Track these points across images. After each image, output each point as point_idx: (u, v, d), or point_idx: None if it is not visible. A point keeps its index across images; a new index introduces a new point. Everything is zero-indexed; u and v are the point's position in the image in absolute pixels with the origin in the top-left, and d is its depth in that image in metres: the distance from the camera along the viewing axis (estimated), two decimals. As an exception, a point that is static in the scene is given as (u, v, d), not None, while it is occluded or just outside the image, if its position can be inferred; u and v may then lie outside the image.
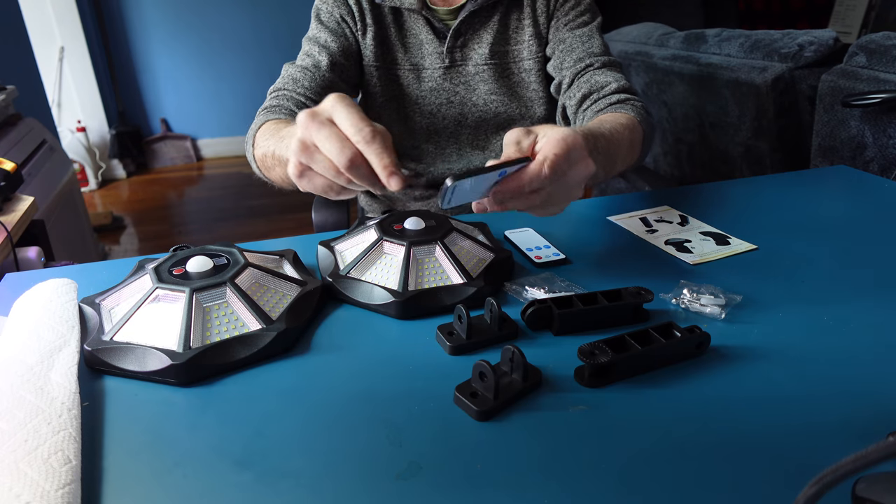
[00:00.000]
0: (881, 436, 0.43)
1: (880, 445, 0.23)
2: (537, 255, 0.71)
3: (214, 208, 3.15)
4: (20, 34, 2.24)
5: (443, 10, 0.98)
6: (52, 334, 0.51)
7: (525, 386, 0.47)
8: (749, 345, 0.54)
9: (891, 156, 1.19)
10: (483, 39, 0.99)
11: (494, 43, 0.99)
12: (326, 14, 0.98)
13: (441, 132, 1.04)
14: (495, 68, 1.00)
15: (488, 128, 1.04)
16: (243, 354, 0.51)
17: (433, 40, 0.98)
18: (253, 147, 0.81)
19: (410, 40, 0.99)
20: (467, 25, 0.98)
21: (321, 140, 0.51)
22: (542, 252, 0.71)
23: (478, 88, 1.01)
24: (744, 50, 1.55)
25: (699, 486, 0.39)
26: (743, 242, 0.74)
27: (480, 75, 1.00)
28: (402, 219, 0.66)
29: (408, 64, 0.99)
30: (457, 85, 1.01)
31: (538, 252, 0.71)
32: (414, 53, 0.99)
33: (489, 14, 0.98)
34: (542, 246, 0.73)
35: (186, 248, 0.62)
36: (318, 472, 0.41)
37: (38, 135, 1.81)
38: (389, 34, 0.98)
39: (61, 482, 0.37)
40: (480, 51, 0.99)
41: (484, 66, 0.99)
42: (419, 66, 0.99)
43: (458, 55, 0.99)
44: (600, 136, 0.69)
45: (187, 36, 3.64)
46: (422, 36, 0.98)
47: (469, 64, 1.00)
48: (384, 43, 0.99)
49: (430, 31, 0.98)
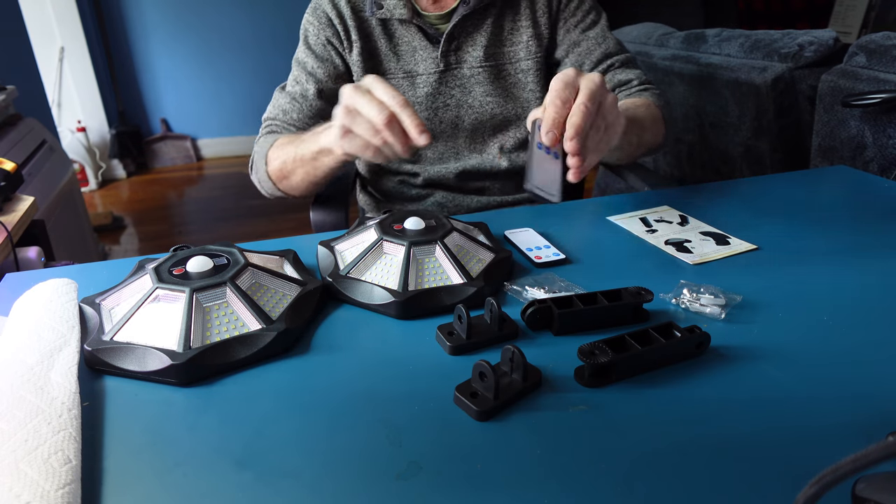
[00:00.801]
0: (881, 436, 0.43)
1: (880, 445, 0.23)
2: (537, 255, 0.71)
3: (214, 208, 3.15)
4: (20, 34, 2.24)
5: (434, 15, 0.98)
6: (52, 334, 0.51)
7: (525, 386, 0.47)
8: (749, 345, 0.54)
9: (891, 156, 1.19)
10: (477, 42, 0.99)
11: (489, 45, 0.99)
12: (314, 37, 0.99)
13: (438, 136, 1.04)
14: (490, 70, 1.00)
15: (485, 129, 1.04)
16: (243, 354, 0.51)
17: (427, 46, 0.98)
18: (266, 165, 0.91)
19: (402, 48, 0.99)
20: (460, 29, 0.98)
21: (363, 105, 0.65)
22: (542, 252, 0.71)
23: (473, 91, 1.01)
24: (744, 50, 1.55)
25: (699, 486, 0.39)
26: (743, 242, 0.74)
27: (476, 77, 1.00)
28: (402, 219, 0.66)
29: (401, 72, 1.00)
30: (452, 88, 1.01)
31: (538, 252, 0.71)
32: (407, 61, 0.99)
33: (482, 17, 0.99)
34: (542, 246, 0.73)
35: (186, 248, 0.62)
36: (318, 472, 0.41)
37: (38, 135, 1.81)
38: (378, 46, 0.99)
39: (61, 482, 0.37)
40: (475, 53, 0.99)
41: (479, 69, 1.00)
42: (413, 73, 1.00)
43: (453, 59, 0.99)
44: (625, 108, 0.82)
45: (187, 36, 3.65)
46: (414, 43, 0.98)
47: (464, 67, 1.00)
48: (373, 56, 0.99)
49: (422, 37, 0.98)
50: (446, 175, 1.05)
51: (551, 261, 0.70)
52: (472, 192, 1.07)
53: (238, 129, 3.90)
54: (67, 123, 3.44)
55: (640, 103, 0.90)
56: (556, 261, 0.70)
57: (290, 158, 0.86)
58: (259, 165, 0.94)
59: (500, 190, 1.08)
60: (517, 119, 1.04)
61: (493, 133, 1.05)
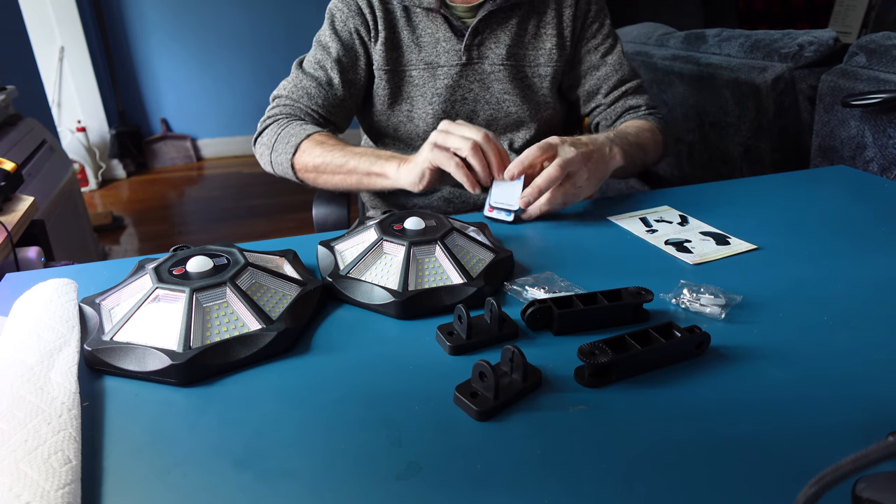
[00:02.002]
0: (881, 436, 0.43)
1: (880, 445, 0.23)
2: (490, 208, 0.82)
3: (214, 208, 3.15)
4: (20, 34, 2.24)
5: (461, 7, 0.99)
6: (52, 334, 0.51)
7: (525, 386, 0.47)
8: (749, 345, 0.54)
9: (891, 156, 1.18)
10: (500, 40, 1.00)
11: (512, 45, 1.01)
12: (340, 23, 1.00)
13: None
14: (510, 69, 1.02)
15: (497, 126, 1.06)
16: (243, 354, 0.51)
17: (451, 38, 0.99)
18: (295, 152, 0.94)
19: (425, 39, 1.00)
20: (485, 24, 0.99)
21: (456, 129, 0.79)
22: (498, 213, 0.81)
23: (492, 87, 1.03)
24: (744, 50, 1.55)
25: (699, 486, 0.39)
26: (743, 242, 0.74)
27: (496, 74, 1.02)
28: (402, 219, 0.66)
29: (422, 63, 1.00)
30: (472, 82, 1.02)
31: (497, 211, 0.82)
32: (429, 52, 1.00)
33: (507, 15, 1.00)
34: (506, 209, 0.81)
35: (186, 248, 0.62)
36: (318, 472, 0.41)
37: (38, 135, 1.81)
38: (401, 37, 1.00)
39: (61, 482, 0.37)
40: (497, 51, 1.00)
41: (500, 66, 1.01)
42: (434, 64, 1.00)
43: (476, 53, 1.01)
44: (627, 135, 0.92)
45: (187, 36, 3.65)
46: (438, 34, 0.99)
47: (485, 63, 1.01)
48: (395, 47, 1.00)
49: (447, 28, 0.99)
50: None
51: (500, 219, 0.81)
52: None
53: (238, 129, 3.90)
54: (67, 123, 3.44)
55: (647, 128, 1.00)
56: (504, 221, 0.81)
57: (334, 163, 0.90)
58: (283, 148, 0.95)
59: None
60: (529, 120, 1.06)
61: (505, 131, 1.07)
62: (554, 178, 0.76)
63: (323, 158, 0.91)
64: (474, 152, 0.76)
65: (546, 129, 1.09)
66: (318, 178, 0.94)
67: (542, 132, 1.09)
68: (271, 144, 0.98)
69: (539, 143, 0.78)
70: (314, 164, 0.92)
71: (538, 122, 1.07)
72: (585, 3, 1.03)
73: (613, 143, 0.86)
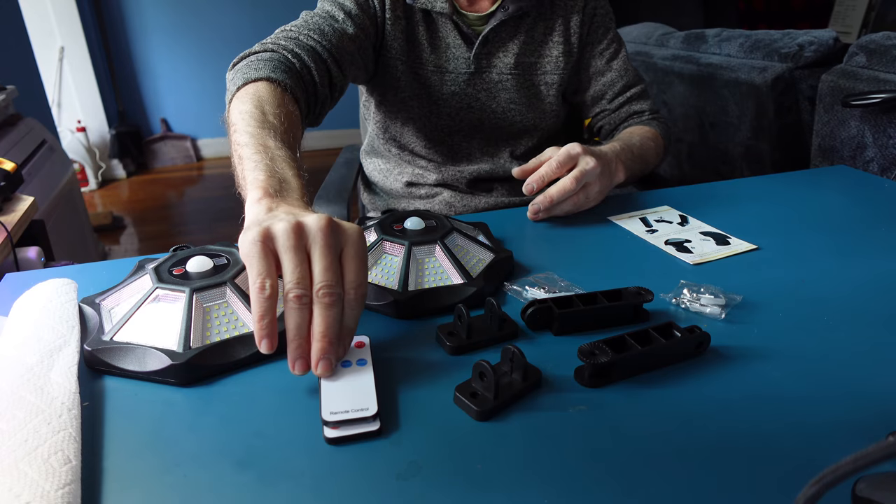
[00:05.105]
0: (881, 436, 0.43)
1: (880, 445, 0.23)
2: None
3: (214, 208, 3.15)
4: (20, 34, 2.24)
5: (473, 15, 0.98)
6: (52, 334, 0.51)
7: (525, 386, 0.47)
8: (749, 345, 0.54)
9: (891, 156, 1.18)
10: (509, 49, 1.00)
11: (520, 53, 1.00)
12: None
13: (455, 135, 1.04)
14: (518, 78, 1.01)
15: (501, 135, 1.05)
16: (243, 354, 0.51)
17: (461, 45, 0.98)
18: (238, 89, 0.71)
19: (438, 42, 0.99)
20: (495, 33, 0.98)
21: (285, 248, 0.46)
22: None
23: (498, 96, 1.02)
24: (744, 50, 1.55)
25: (699, 486, 0.39)
26: (743, 242, 0.74)
27: (503, 84, 1.01)
28: (402, 219, 0.66)
29: (432, 65, 0.99)
30: (479, 91, 1.01)
31: None
32: (440, 56, 0.99)
33: (517, 24, 0.99)
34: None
35: (186, 248, 0.62)
36: (318, 472, 0.41)
37: (38, 135, 1.81)
38: (419, 33, 0.98)
39: (61, 482, 0.37)
40: (506, 60, 1.00)
41: (508, 75, 1.00)
42: (443, 69, 0.99)
43: (484, 62, 1.00)
44: (632, 147, 0.93)
45: (187, 36, 3.64)
46: (449, 39, 0.98)
47: (493, 72, 1.00)
48: (413, 41, 0.98)
49: (458, 35, 0.98)
50: (459, 177, 1.05)
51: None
52: (480, 192, 1.08)
53: (238, 129, 3.90)
54: (67, 123, 3.44)
55: (650, 136, 1.00)
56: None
57: (238, 134, 0.65)
58: (235, 76, 0.75)
59: (508, 192, 1.08)
60: (534, 128, 1.06)
61: (507, 139, 1.06)
62: (569, 190, 0.76)
63: (241, 118, 0.66)
64: (298, 302, 0.46)
65: (548, 136, 1.09)
66: (229, 136, 0.69)
67: (544, 139, 1.08)
68: (233, 70, 0.77)
69: (559, 154, 0.77)
70: (232, 118, 0.68)
71: (542, 132, 1.07)
72: (592, 8, 1.03)
73: (619, 160, 0.86)
